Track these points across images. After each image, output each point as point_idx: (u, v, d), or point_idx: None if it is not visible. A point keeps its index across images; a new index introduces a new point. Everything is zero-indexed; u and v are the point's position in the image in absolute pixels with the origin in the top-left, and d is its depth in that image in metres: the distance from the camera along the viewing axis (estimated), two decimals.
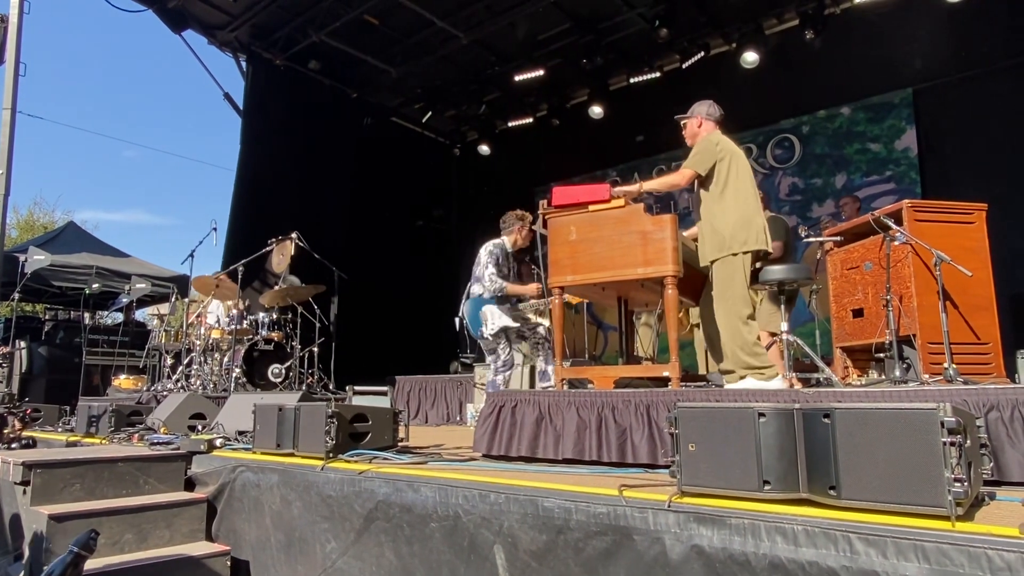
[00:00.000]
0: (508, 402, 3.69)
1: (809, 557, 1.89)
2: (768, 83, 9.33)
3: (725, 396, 3.09)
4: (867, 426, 1.92)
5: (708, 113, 4.25)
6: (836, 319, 4.58)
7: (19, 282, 8.50)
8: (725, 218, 3.93)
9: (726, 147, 4.06)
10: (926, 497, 1.81)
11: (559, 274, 4.17)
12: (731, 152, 4.05)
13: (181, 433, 4.78)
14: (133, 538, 3.68)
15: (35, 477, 3.68)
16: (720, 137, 4.13)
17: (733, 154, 4.05)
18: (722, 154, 4.01)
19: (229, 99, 10.59)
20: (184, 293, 9.26)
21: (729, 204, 3.96)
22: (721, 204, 3.97)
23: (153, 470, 4.07)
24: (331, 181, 10.95)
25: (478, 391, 6.80)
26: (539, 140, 11.89)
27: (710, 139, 4.11)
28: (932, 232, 3.84)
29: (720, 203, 3.97)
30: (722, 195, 3.98)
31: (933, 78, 8.39)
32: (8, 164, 7.34)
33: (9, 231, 12.97)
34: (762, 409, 2.14)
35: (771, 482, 2.09)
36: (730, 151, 4.05)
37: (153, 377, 8.10)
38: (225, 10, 9.63)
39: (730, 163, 4.01)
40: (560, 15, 9.68)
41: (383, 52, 10.59)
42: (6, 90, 7.44)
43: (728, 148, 4.06)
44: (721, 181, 4.00)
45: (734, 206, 3.95)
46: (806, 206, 9.35)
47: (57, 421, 6.43)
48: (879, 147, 8.86)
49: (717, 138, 4.12)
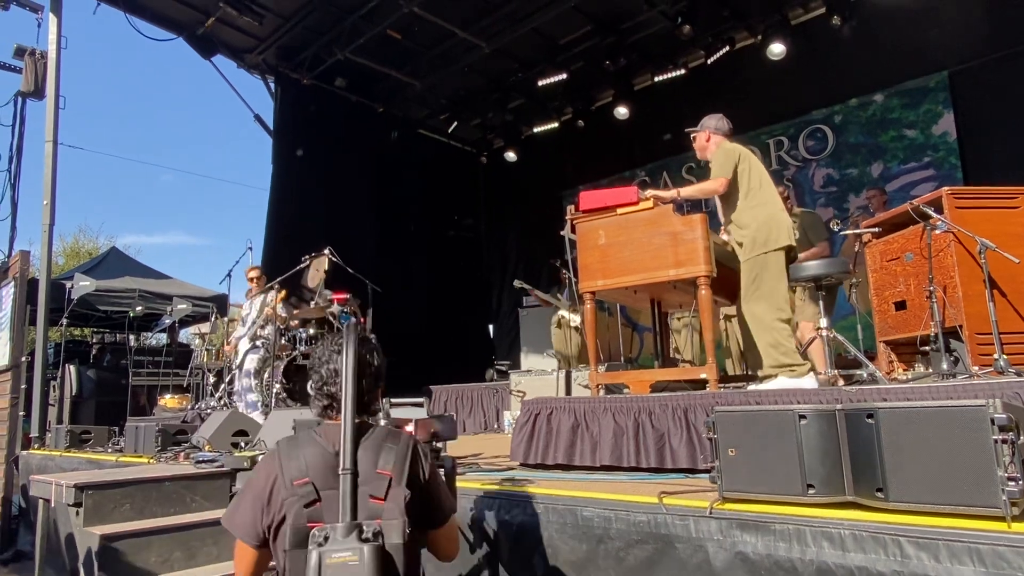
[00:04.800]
0: (544, 410, 3.67)
1: (858, 562, 1.83)
2: (796, 74, 9.15)
3: (764, 398, 3.03)
4: (913, 425, 1.86)
5: (717, 127, 4.32)
6: (878, 312, 4.46)
7: (67, 308, 8.77)
8: (752, 218, 3.95)
9: (741, 153, 4.12)
10: (979, 497, 1.74)
11: (590, 279, 4.15)
12: (746, 156, 4.11)
13: (225, 451, 4.86)
14: (182, 556, 3.75)
15: (86, 499, 3.78)
16: (733, 145, 4.19)
17: (748, 157, 4.11)
18: (738, 159, 4.07)
19: (260, 120, 10.82)
20: (224, 312, 9.45)
21: (755, 204, 4.00)
22: (747, 204, 4.01)
23: (199, 488, 4.15)
24: (361, 195, 11.09)
25: (514, 398, 6.79)
26: (565, 144, 11.87)
27: (724, 147, 4.16)
28: (974, 219, 3.71)
29: (745, 204, 4.01)
30: (747, 197, 4.03)
31: (969, 59, 8.13)
32: (52, 195, 7.61)
33: (56, 259, 13.44)
34: (803, 411, 2.09)
35: (815, 486, 2.04)
36: (745, 155, 4.11)
37: (197, 395, 8.28)
38: (252, 34, 9.84)
39: (749, 166, 4.07)
40: (581, 18, 9.65)
41: (407, 66, 10.70)
42: (47, 124, 7.71)
43: (743, 154, 4.12)
44: (744, 184, 4.05)
45: (760, 206, 3.98)
46: (842, 197, 9.14)
47: (107, 442, 6.60)
48: (916, 133, 8.62)
49: (730, 145, 4.18)
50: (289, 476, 1.76)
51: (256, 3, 9.03)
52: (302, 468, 1.77)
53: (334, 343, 1.98)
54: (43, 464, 6.35)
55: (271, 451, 1.88)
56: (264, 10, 9.18)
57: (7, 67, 8.65)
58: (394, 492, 1.77)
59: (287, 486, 1.74)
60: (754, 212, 3.97)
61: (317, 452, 1.81)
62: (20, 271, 7.74)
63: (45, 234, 7.57)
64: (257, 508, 1.79)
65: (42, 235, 7.58)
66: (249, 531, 1.79)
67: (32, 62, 8.14)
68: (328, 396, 1.94)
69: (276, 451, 1.84)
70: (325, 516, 1.69)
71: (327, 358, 1.97)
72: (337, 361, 1.92)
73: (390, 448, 1.85)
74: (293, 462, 1.79)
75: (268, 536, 1.78)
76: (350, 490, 1.71)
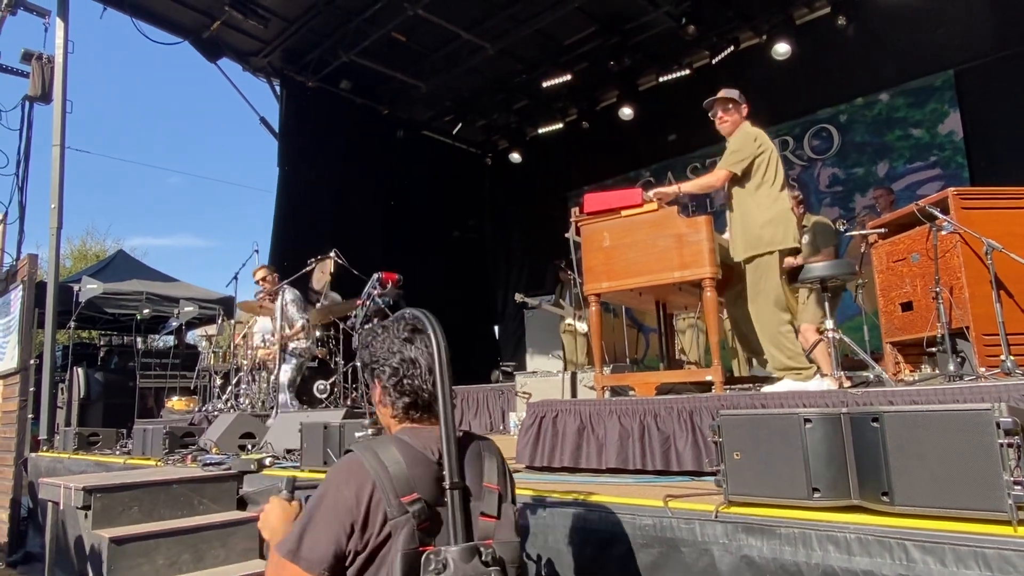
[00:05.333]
0: (549, 412, 3.67)
1: (863, 566, 1.83)
2: (802, 73, 9.13)
3: (769, 401, 3.03)
4: (918, 429, 1.86)
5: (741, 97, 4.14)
6: (884, 313, 4.44)
7: (75, 311, 8.83)
8: (759, 215, 3.85)
9: (765, 143, 3.96)
10: (984, 501, 1.74)
11: (594, 281, 4.15)
12: (769, 148, 3.97)
13: (232, 453, 4.89)
14: (190, 558, 3.77)
15: (95, 502, 3.81)
16: (758, 131, 4.03)
17: (770, 150, 3.97)
18: (761, 150, 3.92)
19: (265, 123, 10.87)
20: (230, 314, 9.49)
21: (763, 201, 3.88)
22: (755, 200, 3.89)
23: (207, 491, 4.17)
24: (367, 197, 11.13)
25: (520, 399, 6.79)
26: (570, 145, 11.88)
27: (749, 134, 4.00)
28: (981, 219, 3.69)
29: (754, 199, 3.90)
30: (757, 191, 3.90)
31: (975, 58, 8.10)
32: (59, 198, 7.66)
33: (63, 261, 13.52)
34: (808, 415, 2.09)
35: (820, 489, 2.04)
36: (769, 147, 3.97)
37: (204, 398, 8.31)
38: (257, 37, 9.88)
39: (768, 160, 3.93)
40: (585, 19, 9.65)
41: (412, 67, 10.72)
42: (55, 128, 7.77)
43: (766, 143, 3.97)
44: (758, 177, 3.91)
45: (768, 203, 3.87)
46: (848, 197, 9.12)
47: (115, 444, 6.64)
48: (922, 132, 8.59)
49: (755, 132, 4.01)
50: (392, 490, 1.46)
51: (261, 6, 9.07)
52: (407, 480, 1.48)
53: (401, 329, 1.69)
54: (52, 466, 6.39)
55: (351, 459, 1.54)
56: (269, 13, 9.22)
57: (14, 71, 8.73)
58: (505, 509, 1.57)
59: (391, 502, 1.45)
60: (765, 208, 3.86)
61: (418, 460, 1.53)
62: (28, 274, 7.80)
63: (53, 237, 7.62)
64: (342, 531, 1.44)
65: (50, 238, 7.63)
66: (324, 560, 1.43)
67: (39, 66, 8.21)
68: (411, 392, 1.64)
69: (360, 459, 1.51)
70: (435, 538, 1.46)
71: (396, 347, 1.67)
72: (411, 350, 1.65)
73: (490, 457, 1.64)
74: (393, 472, 1.49)
75: (350, 563, 1.46)
76: (461, 507, 1.48)
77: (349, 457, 1.56)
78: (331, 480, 1.52)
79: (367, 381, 1.79)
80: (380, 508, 1.45)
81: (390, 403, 1.67)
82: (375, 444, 1.57)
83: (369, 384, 1.77)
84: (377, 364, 1.69)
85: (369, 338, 1.75)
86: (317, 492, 1.52)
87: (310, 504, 1.51)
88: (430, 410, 1.65)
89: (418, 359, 1.65)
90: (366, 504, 1.45)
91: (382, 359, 1.68)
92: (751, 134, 4.00)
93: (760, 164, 3.92)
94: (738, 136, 4.02)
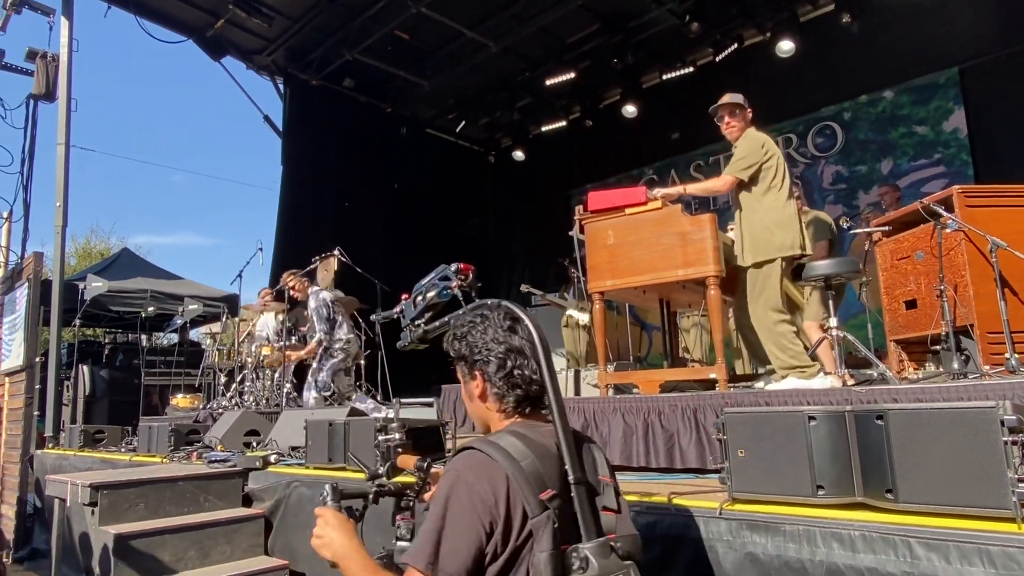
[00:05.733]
0: None
1: (868, 563, 1.84)
2: (806, 71, 9.12)
3: (773, 399, 3.03)
4: (923, 427, 1.87)
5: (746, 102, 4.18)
6: (888, 311, 4.44)
7: (80, 308, 8.86)
8: (765, 221, 3.89)
9: (771, 149, 4.00)
10: (989, 499, 1.74)
11: (598, 279, 4.16)
12: (776, 154, 4.00)
13: (237, 450, 4.91)
14: (196, 555, 3.80)
15: (102, 498, 3.83)
16: (764, 138, 4.06)
17: (777, 156, 4.00)
18: (768, 156, 3.95)
19: (269, 121, 10.88)
20: (234, 312, 9.52)
21: (770, 206, 3.91)
22: (761, 205, 3.92)
23: (212, 488, 4.19)
24: (370, 195, 11.14)
25: None
26: (573, 143, 11.88)
27: (756, 140, 4.02)
28: (985, 217, 3.70)
29: (761, 204, 3.93)
30: (764, 197, 3.94)
31: (980, 55, 8.08)
32: (64, 197, 7.68)
33: (68, 259, 13.57)
34: (812, 412, 2.09)
35: (825, 487, 2.04)
36: (774, 152, 4.00)
37: (208, 395, 8.34)
38: (261, 35, 9.89)
39: (776, 165, 3.96)
40: (588, 16, 9.65)
41: (415, 66, 10.73)
42: (59, 126, 7.78)
43: (772, 149, 4.00)
44: (765, 183, 3.95)
45: (775, 208, 3.90)
46: (851, 194, 9.10)
47: (120, 441, 6.67)
48: (926, 130, 8.57)
49: (762, 139, 4.03)
50: (528, 486, 1.36)
51: (265, 5, 9.07)
52: (540, 475, 1.38)
53: (501, 318, 1.59)
54: (57, 463, 6.42)
55: (474, 455, 1.42)
56: (273, 12, 9.22)
57: (19, 70, 8.75)
58: (623, 502, 1.53)
59: (529, 500, 1.35)
60: (771, 213, 3.90)
61: (543, 455, 1.43)
62: (34, 272, 7.83)
63: (58, 235, 7.64)
64: (482, 532, 1.32)
65: (55, 236, 7.65)
66: (464, 568, 1.31)
67: (44, 65, 8.22)
68: (522, 384, 1.54)
69: (487, 453, 1.40)
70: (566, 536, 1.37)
71: (501, 337, 1.56)
72: (516, 340, 1.55)
73: (596, 449, 1.57)
74: (526, 468, 1.38)
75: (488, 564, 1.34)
76: (588, 501, 1.40)
77: (470, 453, 1.44)
78: (458, 478, 1.38)
79: (463, 376, 1.67)
80: (519, 505, 1.35)
81: (497, 397, 1.57)
82: (494, 439, 1.46)
83: (464, 379, 1.67)
84: (480, 356, 1.58)
85: (464, 329, 1.64)
86: (440, 494, 1.38)
87: (436, 508, 1.37)
88: (539, 403, 1.57)
89: (523, 349, 1.55)
90: (504, 501, 1.34)
91: (485, 350, 1.57)
92: (758, 140, 4.02)
93: (767, 170, 3.95)
94: (745, 142, 4.05)
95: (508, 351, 1.55)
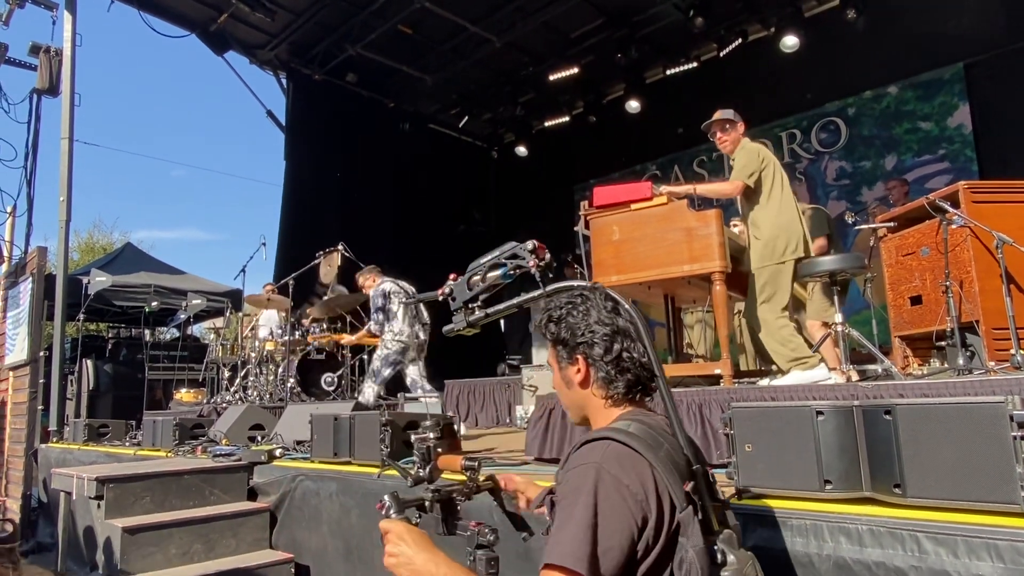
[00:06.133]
0: (558, 405, 3.68)
1: (875, 558, 1.84)
2: (810, 66, 9.10)
3: (779, 394, 3.03)
4: (931, 422, 1.87)
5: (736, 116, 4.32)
6: (893, 307, 4.44)
7: (83, 303, 8.87)
8: (769, 226, 4.00)
9: (767, 156, 4.12)
10: (997, 493, 1.74)
11: (604, 275, 4.15)
12: (771, 160, 4.12)
13: (242, 444, 4.92)
14: (202, 548, 3.81)
15: (108, 492, 3.85)
16: (758, 146, 4.19)
17: (773, 162, 4.12)
18: (764, 164, 4.07)
19: (272, 116, 10.89)
20: (238, 307, 9.53)
21: (773, 212, 4.02)
22: (765, 212, 4.05)
23: (218, 481, 4.21)
24: (373, 190, 11.13)
25: (526, 393, 6.81)
26: (576, 138, 11.86)
27: (751, 149, 4.15)
28: (991, 213, 3.69)
29: (764, 211, 4.06)
30: (767, 203, 4.06)
31: (984, 51, 8.05)
32: (68, 191, 7.69)
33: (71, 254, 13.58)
34: (820, 407, 2.09)
35: (832, 481, 2.04)
36: (770, 159, 4.12)
37: (212, 390, 8.36)
38: (264, 30, 9.89)
39: (773, 172, 4.08)
40: (592, 11, 9.63)
41: (418, 60, 10.71)
42: (63, 121, 7.79)
43: (768, 157, 4.13)
44: (766, 190, 4.07)
45: (777, 214, 4.01)
46: (855, 190, 9.09)
47: (124, 436, 6.69)
48: (930, 125, 8.55)
49: (756, 147, 4.18)
50: (673, 476, 1.28)
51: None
52: (679, 465, 1.31)
53: (602, 299, 1.48)
54: (62, 457, 6.44)
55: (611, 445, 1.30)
56: (276, 6, 9.22)
57: (23, 64, 8.73)
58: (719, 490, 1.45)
59: (677, 492, 1.26)
60: (774, 219, 4.00)
61: (672, 444, 1.36)
62: (38, 267, 7.84)
63: (62, 230, 7.65)
64: (634, 528, 1.21)
65: (59, 231, 7.66)
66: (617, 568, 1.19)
67: (47, 59, 8.21)
68: (632, 368, 1.44)
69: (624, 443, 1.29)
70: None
71: (606, 318, 1.45)
72: (621, 321, 1.45)
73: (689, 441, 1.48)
74: (664, 457, 1.29)
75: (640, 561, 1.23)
76: (709, 492, 1.33)
77: (607, 444, 1.31)
78: (602, 471, 1.26)
79: (558, 362, 1.55)
80: (666, 498, 1.25)
81: (605, 382, 1.45)
82: (621, 427, 1.35)
83: (560, 365, 1.54)
84: (583, 338, 1.45)
85: (562, 311, 1.51)
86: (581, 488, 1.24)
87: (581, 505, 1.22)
88: (647, 390, 1.47)
89: (629, 331, 1.44)
90: (654, 494, 1.25)
91: (589, 332, 1.45)
92: (753, 149, 4.14)
93: (766, 177, 4.06)
94: (741, 153, 4.17)
95: (615, 332, 1.44)
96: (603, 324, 1.44)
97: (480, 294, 1.77)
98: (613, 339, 1.44)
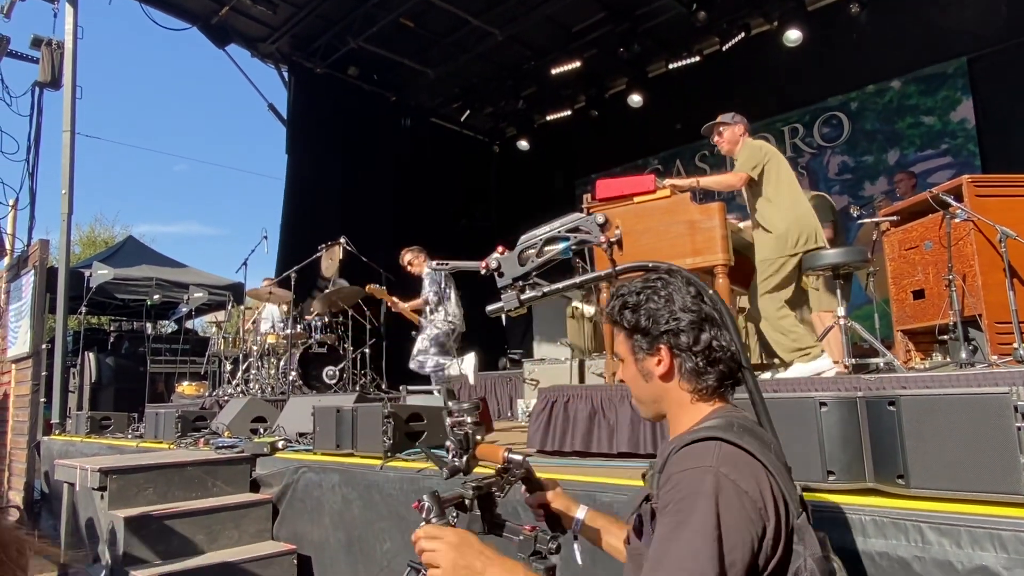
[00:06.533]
0: (560, 397, 3.69)
1: (879, 548, 1.84)
2: (813, 60, 9.06)
3: (782, 386, 3.03)
4: (935, 413, 1.87)
5: (743, 122, 4.35)
6: (896, 301, 4.44)
7: (85, 296, 8.88)
8: (779, 220, 4.01)
9: (770, 151, 4.15)
10: (1001, 484, 1.74)
11: (606, 268, 4.15)
12: (774, 155, 4.14)
13: (244, 436, 4.93)
14: (204, 539, 3.83)
15: (111, 483, 3.86)
16: (760, 143, 4.23)
17: (776, 157, 4.14)
18: (767, 157, 4.09)
19: (273, 109, 10.86)
20: (239, 300, 9.54)
21: (786, 205, 4.04)
22: (774, 206, 4.07)
23: (220, 473, 4.22)
24: (375, 184, 11.12)
25: (528, 387, 6.82)
26: (578, 132, 11.82)
27: (754, 146, 4.18)
28: (995, 207, 3.69)
29: (772, 206, 4.07)
30: (777, 196, 4.08)
31: (988, 45, 8.02)
32: (70, 184, 7.68)
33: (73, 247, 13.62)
34: (823, 398, 2.10)
35: (836, 472, 2.04)
36: (773, 153, 4.14)
37: (214, 383, 8.37)
38: (266, 23, 9.86)
39: (778, 165, 4.10)
40: (594, 5, 9.60)
41: (420, 54, 10.69)
42: (65, 114, 7.78)
43: (770, 151, 4.15)
44: (771, 184, 4.08)
45: (788, 207, 4.03)
46: (857, 184, 9.07)
47: (127, 428, 6.70)
48: (933, 120, 8.53)
49: (758, 143, 4.21)
50: (787, 482, 1.18)
51: None
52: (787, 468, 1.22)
53: (683, 283, 1.35)
54: (64, 450, 6.46)
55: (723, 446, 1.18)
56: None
57: (24, 57, 8.73)
58: None
59: (792, 498, 1.18)
60: (782, 213, 4.02)
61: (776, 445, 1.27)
62: (40, 260, 7.84)
63: (64, 223, 7.65)
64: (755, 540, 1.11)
65: (61, 224, 7.66)
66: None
67: (49, 52, 8.20)
68: (724, 359, 1.31)
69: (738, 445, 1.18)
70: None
71: (691, 304, 1.32)
72: (707, 308, 1.32)
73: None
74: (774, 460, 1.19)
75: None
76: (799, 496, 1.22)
77: (718, 445, 1.18)
78: (720, 476, 1.14)
79: (633, 352, 1.40)
80: (782, 504, 1.15)
81: (694, 374, 1.32)
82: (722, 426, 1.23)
83: (637, 357, 1.39)
84: (668, 326, 1.31)
85: (639, 297, 1.36)
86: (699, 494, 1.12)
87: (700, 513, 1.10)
88: (736, 384, 1.35)
89: (715, 318, 1.31)
90: (772, 502, 1.14)
91: (673, 320, 1.31)
92: (755, 145, 4.19)
93: (770, 172, 4.08)
94: (744, 150, 4.21)
95: (703, 320, 1.31)
96: (688, 311, 1.31)
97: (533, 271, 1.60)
98: (701, 327, 1.31)
